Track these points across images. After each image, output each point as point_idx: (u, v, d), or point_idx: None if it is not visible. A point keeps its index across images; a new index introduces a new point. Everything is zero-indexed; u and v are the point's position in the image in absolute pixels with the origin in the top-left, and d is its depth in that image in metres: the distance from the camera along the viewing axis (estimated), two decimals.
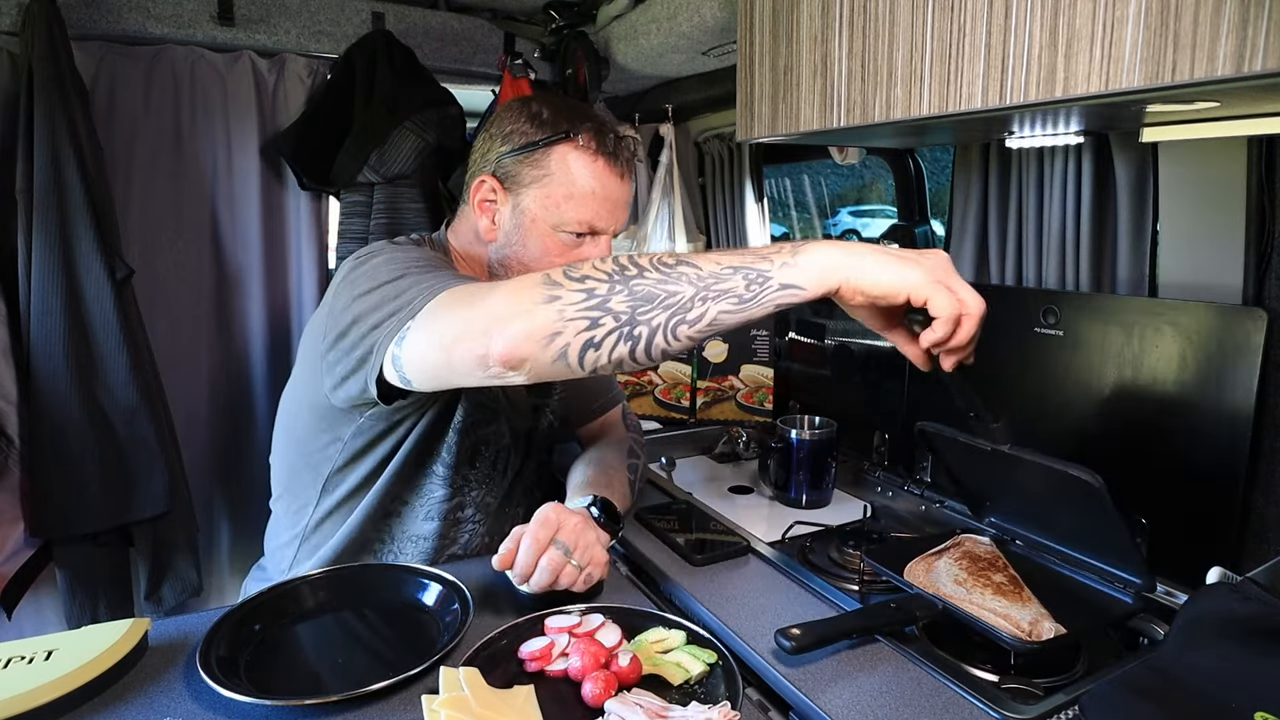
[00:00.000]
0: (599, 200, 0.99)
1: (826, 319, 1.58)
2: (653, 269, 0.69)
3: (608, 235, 1.02)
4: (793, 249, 0.68)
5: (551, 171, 0.98)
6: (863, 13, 0.89)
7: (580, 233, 1.00)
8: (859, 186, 6.76)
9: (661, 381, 1.77)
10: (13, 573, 1.38)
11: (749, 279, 0.67)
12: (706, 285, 0.67)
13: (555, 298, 0.68)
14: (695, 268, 0.68)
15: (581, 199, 0.98)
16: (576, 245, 1.01)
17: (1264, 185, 0.94)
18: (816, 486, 1.38)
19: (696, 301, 0.67)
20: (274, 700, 0.71)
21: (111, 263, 1.37)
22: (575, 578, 0.89)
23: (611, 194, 1.00)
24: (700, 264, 0.68)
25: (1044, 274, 1.21)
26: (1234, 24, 0.56)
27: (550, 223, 0.99)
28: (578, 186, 0.98)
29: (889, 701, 0.73)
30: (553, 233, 1.00)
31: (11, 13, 1.34)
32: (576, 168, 0.98)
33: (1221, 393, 0.93)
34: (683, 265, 0.68)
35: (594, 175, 0.98)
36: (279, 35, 1.58)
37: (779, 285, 0.67)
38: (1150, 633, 0.91)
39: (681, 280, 0.68)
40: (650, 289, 0.68)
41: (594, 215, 0.99)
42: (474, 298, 0.74)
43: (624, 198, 1.02)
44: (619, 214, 1.02)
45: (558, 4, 1.74)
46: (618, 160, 1.00)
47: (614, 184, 1.00)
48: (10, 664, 0.72)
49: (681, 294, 0.67)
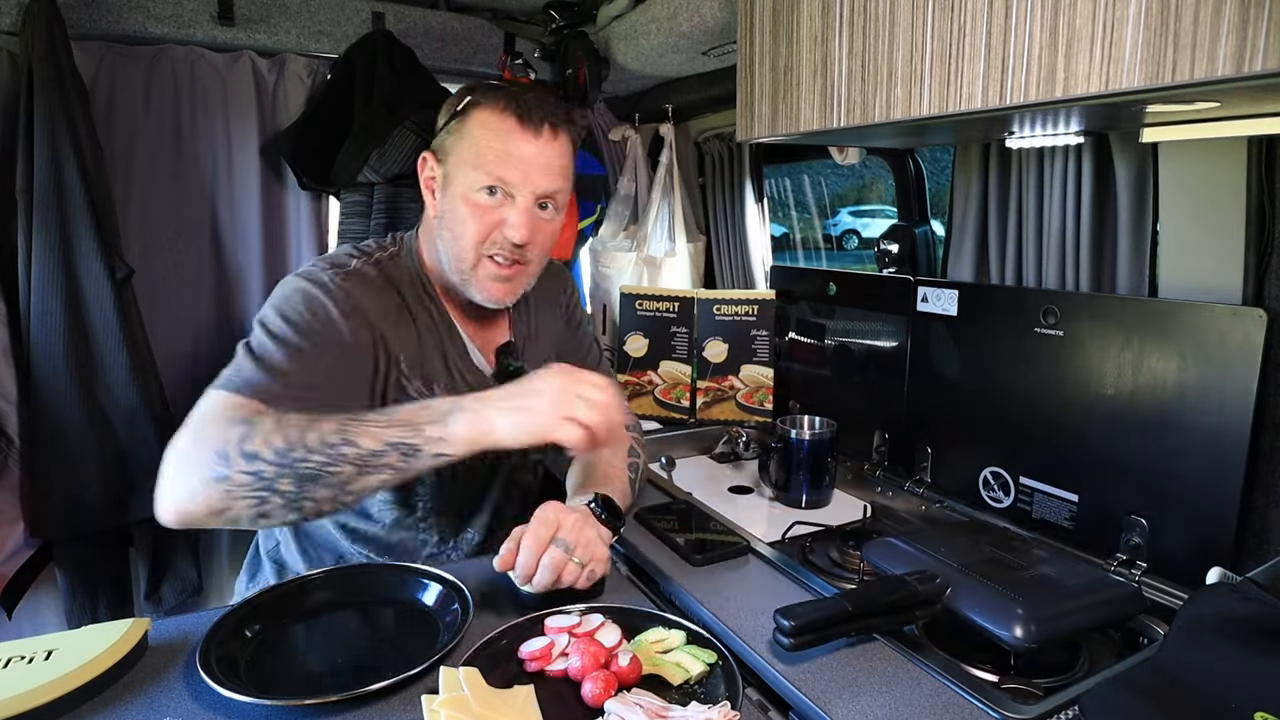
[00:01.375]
0: (506, 158, 0.98)
1: (827, 319, 1.59)
2: (319, 450, 0.78)
3: (524, 196, 1.00)
4: (444, 418, 0.80)
5: (466, 133, 1.00)
6: (863, 13, 0.89)
7: (491, 188, 0.99)
8: (859, 186, 6.77)
9: (661, 381, 1.77)
10: (13, 573, 1.38)
11: (404, 453, 0.80)
12: (365, 462, 0.78)
13: (225, 477, 0.76)
14: (357, 446, 0.78)
15: (489, 154, 0.98)
16: (495, 206, 1.00)
17: (1264, 185, 0.94)
18: (816, 486, 1.39)
19: (357, 477, 0.79)
20: (274, 700, 0.71)
21: (111, 263, 1.37)
22: (578, 575, 0.88)
23: (522, 153, 0.99)
24: (362, 441, 0.79)
25: (1044, 274, 1.21)
26: (1234, 24, 0.56)
27: (465, 185, 1.00)
28: (485, 142, 0.98)
29: (889, 701, 0.73)
30: (470, 193, 1.00)
31: (11, 13, 1.34)
32: (486, 125, 0.99)
33: (1221, 392, 0.93)
34: (346, 445, 0.78)
35: (502, 133, 0.98)
36: (279, 35, 1.58)
37: (431, 455, 0.80)
38: (1150, 633, 0.91)
39: (343, 462, 0.78)
40: (314, 471, 0.77)
41: (500, 168, 0.98)
42: (174, 447, 0.81)
43: (541, 160, 1.00)
44: (535, 175, 1.00)
45: (558, 4, 1.74)
46: (530, 119, 0.99)
47: (524, 142, 0.99)
48: (10, 664, 0.72)
49: (342, 473, 0.78)
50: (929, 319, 1.32)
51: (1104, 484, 1.07)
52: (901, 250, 1.56)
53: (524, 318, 1.21)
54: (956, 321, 1.27)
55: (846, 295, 1.54)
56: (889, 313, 1.41)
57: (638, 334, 1.78)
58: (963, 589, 0.86)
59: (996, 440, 1.22)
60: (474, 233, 1.01)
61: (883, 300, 1.42)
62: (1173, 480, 0.99)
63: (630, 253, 1.92)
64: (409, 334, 1.05)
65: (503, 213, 1.01)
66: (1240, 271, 0.95)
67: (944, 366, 1.31)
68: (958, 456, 1.29)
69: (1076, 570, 0.90)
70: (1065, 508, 1.12)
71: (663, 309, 1.76)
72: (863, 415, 1.48)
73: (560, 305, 1.28)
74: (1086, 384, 1.08)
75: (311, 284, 0.97)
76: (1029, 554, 0.94)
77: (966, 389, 1.27)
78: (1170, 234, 1.03)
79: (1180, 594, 0.96)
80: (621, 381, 1.78)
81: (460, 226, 1.01)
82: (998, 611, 0.81)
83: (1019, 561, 0.91)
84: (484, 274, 1.03)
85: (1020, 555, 0.93)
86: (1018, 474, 1.19)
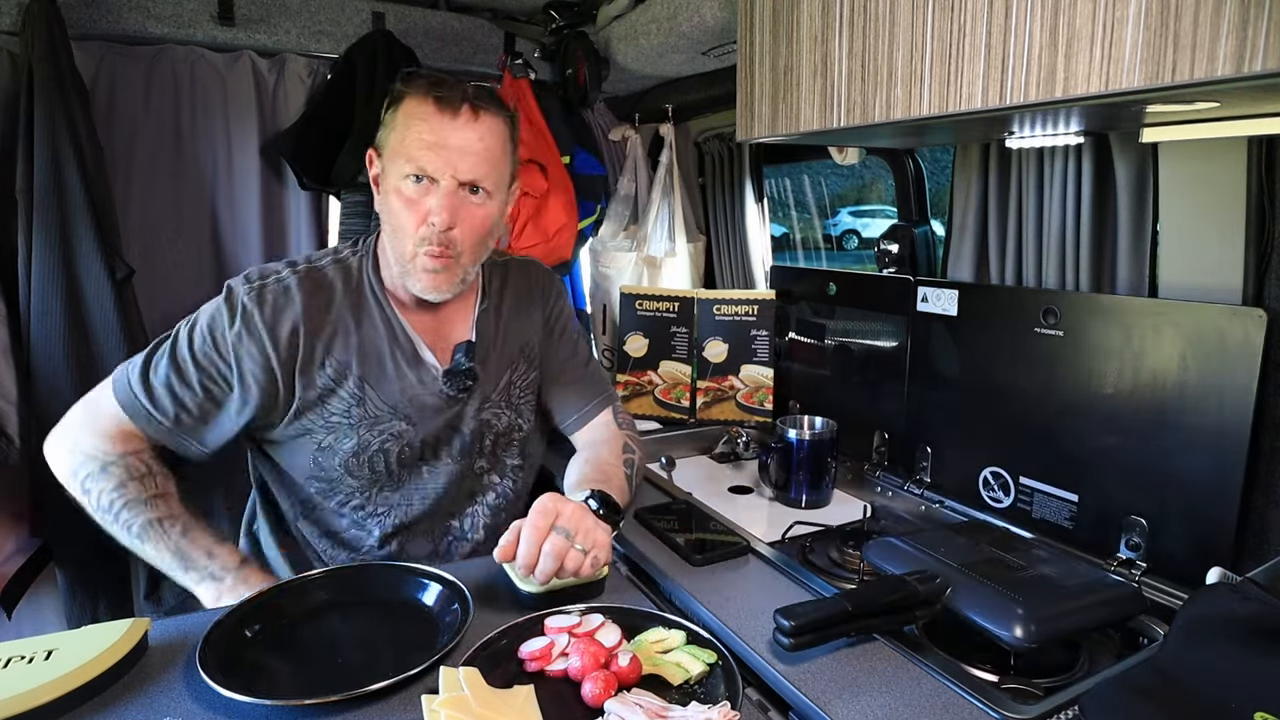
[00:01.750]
0: (426, 143, 0.98)
1: (827, 319, 1.59)
2: (124, 527, 0.97)
3: (446, 181, 1.00)
4: (205, 580, 0.97)
5: (395, 125, 1.00)
6: (863, 13, 0.89)
7: (416, 176, 0.99)
8: (859, 186, 6.77)
9: (661, 381, 1.77)
10: (13, 573, 1.38)
11: (179, 570, 0.98)
12: (149, 555, 0.99)
13: (71, 484, 1.00)
14: (152, 546, 0.98)
15: (411, 143, 0.98)
16: (422, 194, 1.00)
17: (1264, 185, 0.93)
18: (816, 486, 1.39)
19: (149, 556, 0.98)
20: (274, 700, 0.71)
21: (111, 263, 1.37)
22: (580, 562, 0.88)
23: (444, 137, 0.98)
24: (155, 545, 0.97)
25: (1044, 274, 1.21)
26: (1234, 24, 0.56)
27: (395, 176, 1.00)
28: (408, 130, 0.99)
29: (889, 701, 0.73)
30: (399, 185, 1.00)
31: (11, 13, 1.34)
32: (408, 114, 0.99)
33: (1221, 392, 0.93)
34: (146, 541, 0.97)
35: (421, 118, 0.98)
36: (279, 35, 1.58)
37: (194, 588, 0.97)
38: (1150, 633, 0.91)
39: (141, 544, 0.97)
40: (121, 534, 0.98)
41: (420, 157, 0.98)
42: (58, 444, 1.02)
43: (462, 142, 0.99)
44: (456, 159, 0.99)
45: (558, 4, 1.74)
46: (449, 102, 0.98)
47: (446, 126, 0.98)
48: (10, 664, 0.72)
49: (142, 550, 0.98)
50: (929, 319, 1.32)
51: (1104, 484, 1.07)
52: (901, 250, 1.55)
53: (489, 319, 1.17)
54: (956, 321, 1.27)
55: (846, 295, 1.54)
56: (889, 313, 1.41)
57: (638, 334, 1.78)
58: (963, 589, 0.86)
59: (996, 440, 1.22)
60: (407, 224, 1.01)
61: (883, 300, 1.42)
62: (1173, 480, 0.99)
63: (630, 253, 1.92)
64: (344, 336, 1.06)
65: (430, 201, 1.00)
66: (1240, 271, 0.95)
67: (944, 366, 1.31)
68: (957, 456, 1.29)
69: (1076, 570, 0.90)
70: (1065, 508, 1.12)
71: (663, 309, 1.76)
72: (863, 415, 1.48)
73: (539, 309, 1.24)
74: (1086, 384, 1.08)
75: (226, 307, 1.02)
76: (1029, 554, 0.94)
77: (966, 389, 1.26)
78: (1170, 234, 1.03)
79: (1180, 594, 0.96)
80: (621, 381, 1.78)
81: (395, 219, 1.02)
82: (998, 611, 0.81)
83: (1019, 561, 0.91)
84: (419, 266, 1.03)
85: (1020, 555, 0.93)
86: (1018, 474, 1.19)
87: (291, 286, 1.04)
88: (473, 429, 1.15)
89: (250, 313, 1.01)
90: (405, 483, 1.12)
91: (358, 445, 1.07)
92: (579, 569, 0.88)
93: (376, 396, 1.07)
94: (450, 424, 1.13)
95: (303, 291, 1.04)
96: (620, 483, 1.10)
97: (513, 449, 1.21)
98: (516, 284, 1.22)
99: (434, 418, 1.11)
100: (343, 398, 1.05)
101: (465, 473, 1.16)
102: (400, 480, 1.11)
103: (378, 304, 1.09)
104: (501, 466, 1.21)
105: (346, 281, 1.08)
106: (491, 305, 1.18)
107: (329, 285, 1.07)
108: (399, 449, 1.09)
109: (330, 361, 1.04)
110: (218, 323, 1.02)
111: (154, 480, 0.99)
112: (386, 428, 1.08)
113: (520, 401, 1.20)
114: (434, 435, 1.12)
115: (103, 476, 0.97)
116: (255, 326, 1.01)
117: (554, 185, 1.75)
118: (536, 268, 1.28)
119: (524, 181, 1.71)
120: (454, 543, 1.17)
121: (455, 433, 1.14)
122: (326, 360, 1.04)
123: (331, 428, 1.06)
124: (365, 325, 1.07)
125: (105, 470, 0.98)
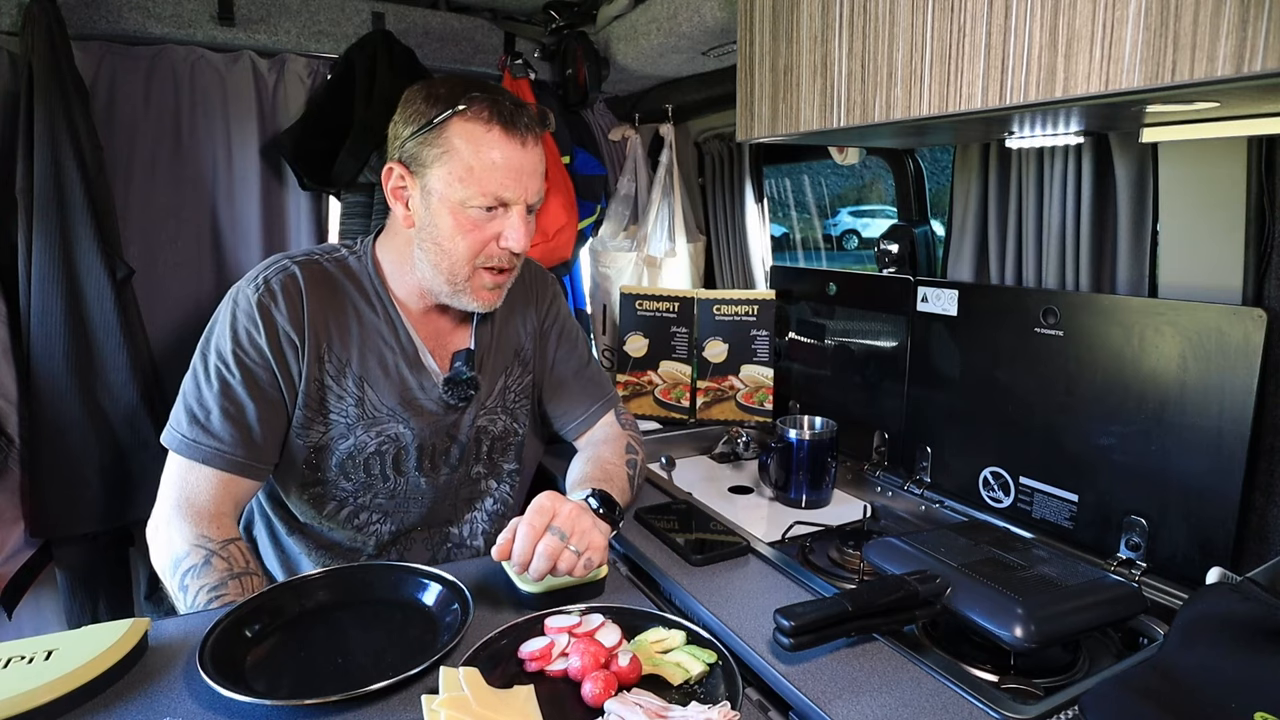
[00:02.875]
0: (500, 170, 0.97)
1: (827, 319, 1.59)
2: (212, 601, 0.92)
3: (519, 206, 1.00)
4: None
5: (450, 147, 0.97)
6: (863, 13, 0.89)
7: (489, 206, 0.98)
8: (859, 186, 6.77)
9: (661, 381, 1.77)
10: (13, 573, 1.38)
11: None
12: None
13: (184, 588, 0.92)
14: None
15: (482, 171, 0.97)
16: (488, 220, 0.99)
17: (1264, 185, 0.93)
18: (816, 486, 1.39)
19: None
20: (274, 700, 0.71)
21: (111, 263, 1.37)
22: (574, 563, 0.88)
23: (513, 162, 0.97)
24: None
25: (1044, 274, 1.21)
26: (1234, 24, 0.56)
27: (456, 199, 0.98)
28: (477, 158, 0.96)
29: (889, 701, 0.73)
30: (461, 209, 0.99)
31: (11, 13, 1.34)
32: (473, 139, 0.97)
33: (1221, 392, 0.93)
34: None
35: (491, 145, 0.96)
36: (279, 35, 1.58)
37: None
38: (1150, 633, 0.91)
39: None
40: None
41: (498, 186, 0.97)
42: (154, 537, 0.98)
43: (529, 166, 0.99)
44: (527, 183, 1.00)
45: (558, 4, 1.74)
46: (515, 127, 0.97)
47: (514, 152, 0.97)
48: (10, 664, 0.72)
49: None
50: (929, 319, 1.32)
51: (1104, 484, 1.07)
52: (901, 250, 1.55)
53: (487, 327, 1.17)
54: (956, 321, 1.27)
55: (846, 295, 1.54)
56: (889, 313, 1.41)
57: (638, 334, 1.78)
58: (963, 589, 0.85)
59: (996, 440, 1.22)
60: (468, 248, 1.00)
61: (883, 300, 1.42)
62: (1173, 480, 0.99)
63: (630, 253, 1.92)
64: (343, 332, 1.06)
65: (497, 225, 1.00)
66: (1240, 271, 0.95)
67: (944, 366, 1.31)
68: (957, 456, 1.29)
69: (1076, 570, 0.90)
70: (1065, 508, 1.12)
71: (663, 309, 1.76)
72: (863, 415, 1.48)
73: (532, 311, 1.24)
74: (1086, 384, 1.08)
75: (242, 312, 1.02)
76: (1029, 554, 0.94)
77: (966, 389, 1.26)
78: (1170, 234, 1.03)
79: (1180, 594, 0.96)
80: (621, 381, 1.78)
81: (451, 242, 1.00)
82: (998, 611, 0.81)
83: (1019, 561, 0.91)
84: (479, 284, 1.03)
85: (1020, 555, 0.93)
86: (1018, 474, 1.19)
87: (296, 274, 1.04)
88: (469, 435, 1.15)
89: (265, 305, 1.01)
90: (400, 488, 1.11)
91: (354, 446, 1.07)
92: (572, 569, 0.88)
93: (375, 397, 1.07)
94: (448, 432, 1.13)
95: (306, 278, 1.04)
96: (622, 482, 1.10)
97: (509, 453, 1.21)
98: (510, 287, 1.22)
99: (432, 424, 1.11)
100: (342, 396, 1.05)
101: (463, 479, 1.16)
102: (395, 485, 1.11)
103: (382, 305, 1.08)
104: (499, 472, 1.20)
105: (348, 279, 1.08)
106: (489, 314, 1.17)
107: (330, 279, 1.07)
108: (395, 452, 1.09)
109: (331, 356, 1.05)
110: (240, 329, 1.01)
111: (251, 581, 0.94)
112: (384, 429, 1.08)
113: (515, 406, 1.20)
114: (431, 441, 1.11)
115: (205, 571, 0.92)
116: (272, 318, 1.01)
117: (554, 185, 1.74)
118: (531, 269, 1.27)
119: None
120: (453, 549, 1.17)
121: (453, 440, 1.14)
122: (328, 353, 1.04)
123: (329, 425, 1.06)
124: (367, 324, 1.07)
125: (209, 563, 0.93)
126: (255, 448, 1.01)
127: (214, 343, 1.02)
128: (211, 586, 0.92)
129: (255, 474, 1.02)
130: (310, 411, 1.05)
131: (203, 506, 0.97)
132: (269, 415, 1.02)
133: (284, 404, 1.03)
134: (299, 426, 1.05)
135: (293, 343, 1.02)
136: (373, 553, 1.12)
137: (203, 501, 0.98)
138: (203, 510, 0.97)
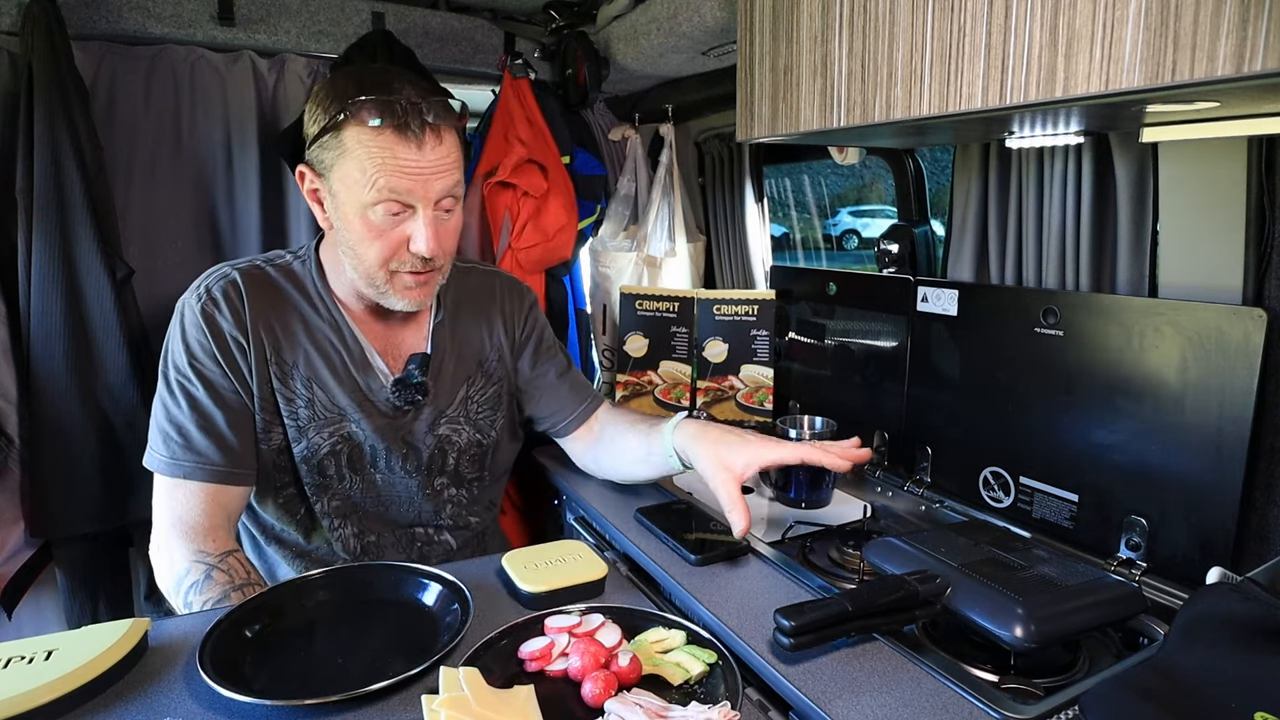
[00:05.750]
0: (396, 174, 0.93)
1: (827, 319, 1.58)
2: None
3: (426, 209, 0.96)
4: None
5: (345, 150, 0.94)
6: (863, 13, 0.89)
7: (393, 211, 0.96)
8: (859, 186, 6.77)
9: (661, 382, 1.77)
10: (13, 573, 1.38)
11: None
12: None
13: (189, 604, 0.93)
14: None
15: (377, 175, 0.93)
16: (395, 224, 0.97)
17: (1264, 185, 0.93)
18: (816, 486, 1.38)
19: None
20: (274, 700, 0.71)
21: (111, 263, 1.37)
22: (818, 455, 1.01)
23: (409, 165, 0.93)
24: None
25: (1044, 274, 1.21)
26: (1234, 24, 0.56)
27: (358, 204, 0.95)
28: (370, 162, 0.93)
29: (889, 701, 0.73)
30: (364, 214, 0.96)
31: (11, 13, 1.34)
32: (364, 142, 0.92)
33: (1221, 392, 0.93)
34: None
35: (383, 147, 0.92)
36: (279, 35, 1.58)
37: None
38: (1150, 633, 0.91)
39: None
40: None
41: (394, 191, 0.94)
42: (156, 559, 0.99)
43: (431, 165, 0.94)
44: (430, 183, 0.95)
45: (558, 4, 1.74)
46: (409, 128, 0.92)
47: (410, 153, 0.93)
48: (10, 664, 0.72)
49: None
50: (929, 319, 1.32)
51: (1104, 484, 1.07)
52: (901, 250, 1.55)
53: (444, 332, 1.16)
54: (956, 321, 1.27)
55: (846, 295, 1.54)
56: (889, 313, 1.41)
57: (638, 334, 1.78)
58: (963, 589, 0.85)
59: (996, 440, 1.22)
60: (378, 253, 0.98)
61: (883, 300, 1.42)
62: (1173, 480, 0.99)
63: (630, 253, 1.92)
64: (289, 335, 1.06)
65: (405, 229, 0.97)
66: (1240, 271, 0.95)
67: (944, 366, 1.31)
68: (957, 456, 1.29)
69: (1076, 570, 0.90)
70: (1065, 508, 1.12)
71: (663, 309, 1.76)
72: (863, 415, 1.48)
73: (498, 321, 1.22)
74: (1086, 384, 1.08)
75: (190, 324, 1.03)
76: (1029, 554, 0.94)
77: (966, 389, 1.26)
78: (1170, 234, 1.03)
79: (1180, 594, 0.96)
80: (621, 381, 1.78)
81: (361, 247, 0.98)
82: (998, 611, 0.81)
83: (1019, 561, 0.91)
84: (400, 285, 1.02)
85: (1020, 555, 0.93)
86: (1018, 474, 1.19)
87: (237, 279, 1.05)
88: (431, 445, 1.14)
89: (210, 313, 1.03)
90: (356, 489, 1.12)
91: (308, 448, 1.07)
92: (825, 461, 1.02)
93: (325, 398, 1.07)
94: (401, 436, 1.13)
95: (247, 283, 1.05)
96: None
97: (475, 464, 1.21)
98: (474, 295, 1.20)
99: (383, 425, 1.11)
100: (291, 398, 1.06)
101: (424, 487, 1.16)
102: (352, 486, 1.11)
103: (326, 307, 1.09)
104: (462, 480, 1.20)
105: (291, 283, 1.08)
106: (446, 317, 1.16)
107: (271, 283, 1.07)
108: (349, 451, 1.10)
109: (278, 359, 1.05)
110: (191, 340, 1.02)
111: (253, 591, 0.93)
112: (337, 429, 1.08)
113: (479, 418, 1.19)
114: (385, 444, 1.11)
115: (207, 585, 0.93)
116: (218, 324, 1.02)
117: (554, 185, 1.75)
118: (502, 280, 1.26)
119: (524, 181, 1.71)
120: (425, 546, 1.18)
121: (409, 447, 1.13)
122: (275, 356, 1.05)
123: (286, 428, 1.07)
124: (312, 326, 1.08)
125: (210, 578, 0.93)
126: (233, 454, 1.01)
127: (171, 359, 1.03)
128: (215, 600, 0.92)
129: (239, 480, 1.02)
130: (268, 415, 1.06)
131: (195, 522, 0.98)
132: (238, 421, 1.03)
133: (248, 408, 1.04)
134: (262, 431, 1.06)
135: (241, 347, 1.03)
136: (345, 559, 1.12)
137: (194, 517, 0.98)
138: (196, 526, 0.98)
